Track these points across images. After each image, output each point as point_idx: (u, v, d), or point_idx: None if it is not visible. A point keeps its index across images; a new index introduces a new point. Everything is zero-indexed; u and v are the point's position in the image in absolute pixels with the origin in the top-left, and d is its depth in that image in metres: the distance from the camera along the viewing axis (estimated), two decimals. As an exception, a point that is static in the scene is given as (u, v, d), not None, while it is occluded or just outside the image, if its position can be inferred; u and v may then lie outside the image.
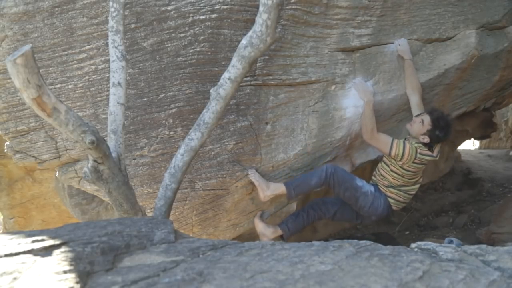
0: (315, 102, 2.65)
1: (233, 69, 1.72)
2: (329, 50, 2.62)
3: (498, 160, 7.29)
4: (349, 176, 2.63)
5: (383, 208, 2.70)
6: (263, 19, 1.63)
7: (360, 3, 2.60)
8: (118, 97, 1.66)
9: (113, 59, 1.69)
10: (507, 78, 3.27)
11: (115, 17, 1.67)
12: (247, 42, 1.69)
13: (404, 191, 2.74)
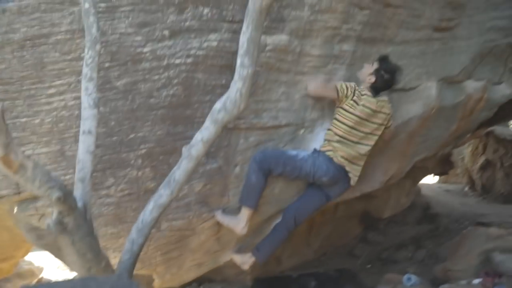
0: (284, 145, 2.72)
1: (206, 131, 1.75)
2: (300, 95, 2.70)
3: (455, 195, 7.64)
4: (279, 151, 2.60)
5: (327, 164, 2.55)
6: (238, 87, 1.68)
7: (331, 52, 2.72)
8: (88, 145, 1.64)
9: (85, 107, 1.68)
10: (463, 128, 3.49)
11: (89, 64, 1.67)
12: (221, 107, 1.74)
13: (348, 145, 2.60)
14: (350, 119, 2.58)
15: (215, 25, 2.33)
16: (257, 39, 1.65)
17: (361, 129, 2.61)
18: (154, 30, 2.25)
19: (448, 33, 3.20)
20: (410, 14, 2.96)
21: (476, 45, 3.27)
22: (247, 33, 1.61)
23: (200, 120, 2.38)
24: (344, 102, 2.58)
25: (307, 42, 2.58)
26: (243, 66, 1.66)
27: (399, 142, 3.13)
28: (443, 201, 7.01)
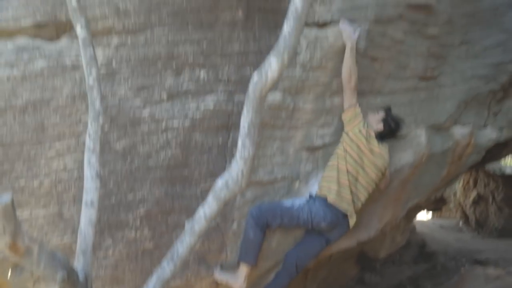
0: (279, 198, 2.75)
1: (208, 208, 1.81)
2: (294, 149, 2.77)
3: (449, 231, 7.66)
4: (275, 204, 2.58)
5: (324, 210, 2.53)
6: (240, 167, 1.75)
7: (323, 106, 2.81)
8: (90, 217, 1.67)
9: (87, 178, 1.72)
10: (454, 172, 3.57)
11: (92, 137, 1.72)
12: (223, 185, 1.80)
13: (346, 185, 2.57)
14: (354, 151, 2.59)
15: (212, 86, 2.42)
16: (257, 122, 1.74)
17: (362, 167, 2.62)
18: (152, 93, 2.34)
19: (433, 81, 3.33)
20: (396, 66, 3.10)
21: (460, 93, 3.41)
22: (248, 117, 1.70)
23: (197, 179, 2.44)
24: (352, 128, 2.62)
25: (300, 98, 2.68)
26: (244, 147, 1.73)
27: (392, 189, 3.19)
28: (438, 238, 7.02)
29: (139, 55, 2.36)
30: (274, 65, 1.63)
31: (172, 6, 2.42)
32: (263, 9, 2.57)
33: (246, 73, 2.51)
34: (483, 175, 7.18)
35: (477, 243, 6.94)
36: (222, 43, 2.46)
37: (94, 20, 2.32)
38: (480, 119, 3.61)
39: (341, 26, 2.64)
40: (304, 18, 1.63)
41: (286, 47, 1.61)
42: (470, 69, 3.41)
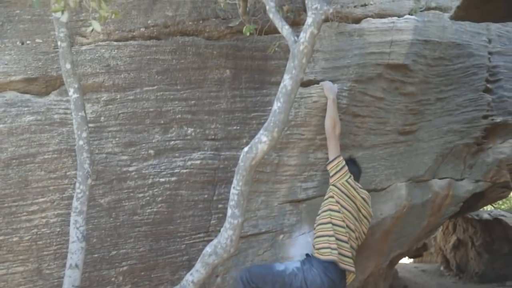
0: (263, 251, 2.76)
1: (197, 274, 1.82)
2: (278, 202, 2.81)
3: (431, 275, 7.66)
4: (266, 268, 2.42)
5: (321, 277, 2.34)
6: (229, 234, 1.79)
7: (307, 160, 2.89)
8: (73, 280, 1.65)
9: (73, 240, 1.71)
10: (433, 223, 3.65)
11: (80, 198, 1.73)
12: (211, 251, 1.82)
13: (346, 237, 2.45)
14: (347, 202, 2.53)
15: (198, 143, 2.48)
16: (246, 192, 1.80)
17: (357, 219, 2.56)
18: (140, 149, 2.37)
19: (412, 136, 3.48)
20: (376, 122, 3.23)
21: (437, 146, 3.56)
22: (238, 188, 1.75)
23: (182, 235, 2.44)
24: (339, 179, 2.57)
25: (285, 153, 2.76)
26: (233, 216, 1.78)
27: (374, 241, 3.23)
28: (420, 283, 7.01)
29: (127, 111, 2.41)
30: (264, 139, 1.71)
31: (161, 65, 2.51)
32: (250, 68, 2.69)
33: (232, 130, 2.59)
34: (461, 221, 7.31)
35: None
36: (210, 101, 2.55)
37: (85, 77, 2.38)
38: (457, 172, 3.75)
39: (321, 83, 2.79)
40: (294, 96, 1.73)
41: (276, 124, 1.69)
42: (445, 124, 3.58)
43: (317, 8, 1.72)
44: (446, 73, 3.47)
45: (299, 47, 1.75)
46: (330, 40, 2.90)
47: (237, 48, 2.66)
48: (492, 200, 5.13)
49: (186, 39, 2.60)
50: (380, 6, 3.19)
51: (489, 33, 3.78)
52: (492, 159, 3.87)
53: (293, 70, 1.74)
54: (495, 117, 3.76)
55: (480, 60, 3.63)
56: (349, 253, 2.46)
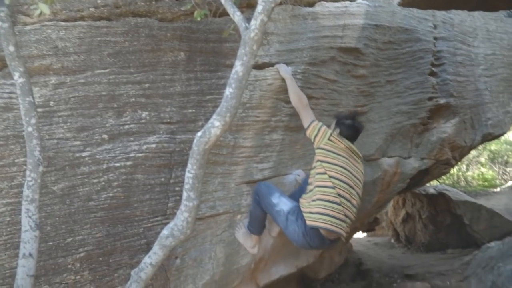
0: (222, 232, 2.83)
1: (155, 256, 1.84)
2: (235, 184, 2.87)
3: (383, 248, 8.13)
4: (267, 191, 2.56)
5: (299, 235, 2.38)
6: (185, 216, 1.82)
7: (262, 142, 2.96)
8: (28, 269, 1.62)
9: (25, 229, 1.67)
10: (383, 199, 3.88)
11: (31, 186, 1.69)
12: (168, 233, 1.85)
13: (340, 199, 2.39)
14: (336, 159, 2.47)
15: (153, 127, 2.46)
16: (201, 175, 1.83)
17: (350, 168, 2.50)
18: (93, 134, 2.33)
19: (363, 117, 3.63)
20: (330, 103, 3.35)
21: (387, 127, 3.74)
22: (192, 171, 1.78)
23: (140, 219, 2.45)
24: (321, 140, 2.54)
25: (240, 135, 2.80)
26: (189, 199, 1.81)
27: (328, 218, 3.39)
28: (373, 256, 7.42)
29: (78, 95, 2.34)
30: (217, 124, 1.74)
31: (113, 47, 2.44)
32: (205, 51, 2.68)
33: (188, 113, 2.59)
34: (410, 196, 7.76)
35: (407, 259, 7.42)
36: (164, 84, 2.52)
37: (30, 59, 2.27)
38: (404, 151, 3.97)
39: (276, 65, 2.84)
40: (245, 82, 1.77)
41: (228, 109, 1.73)
42: (395, 106, 3.77)
43: (267, -4, 1.75)
44: (395, 57, 3.62)
45: (250, 34, 1.78)
46: (284, 23, 2.93)
47: (191, 30, 2.63)
48: (435, 176, 5.48)
49: (138, 20, 2.54)
50: (333, -10, 3.26)
51: (434, 19, 3.97)
52: (436, 138, 4.13)
53: (244, 57, 1.78)
54: (439, 99, 4.00)
55: (426, 45, 3.82)
56: (338, 214, 2.39)
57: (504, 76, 5.01)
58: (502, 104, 5.03)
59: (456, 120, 4.28)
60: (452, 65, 4.12)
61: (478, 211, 6.85)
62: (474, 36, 4.59)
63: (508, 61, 5.07)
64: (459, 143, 4.47)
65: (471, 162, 10.58)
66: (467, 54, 4.44)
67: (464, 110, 4.41)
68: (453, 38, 4.18)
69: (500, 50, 4.95)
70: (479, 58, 4.62)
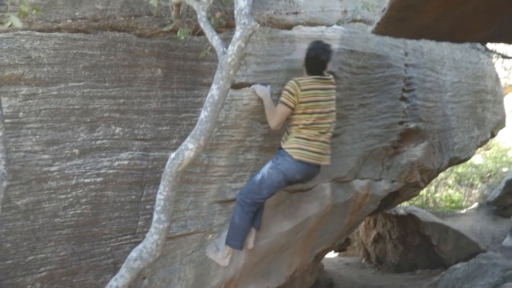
0: (192, 251, 2.78)
1: (121, 279, 1.79)
2: (208, 203, 2.84)
3: (354, 268, 8.19)
4: (251, 183, 2.75)
5: (296, 163, 2.68)
6: (154, 239, 1.79)
7: (237, 161, 2.96)
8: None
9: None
10: (355, 220, 3.92)
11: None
12: (137, 256, 1.81)
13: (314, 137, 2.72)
14: (313, 106, 2.70)
15: (127, 143, 2.43)
16: (172, 197, 1.81)
17: (322, 111, 2.74)
18: (63, 148, 2.27)
19: (336, 138, 3.69)
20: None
21: (359, 149, 3.82)
22: (164, 193, 1.76)
23: (108, 237, 2.38)
24: (300, 97, 2.67)
25: (214, 154, 2.80)
26: (159, 221, 1.78)
27: (300, 238, 3.40)
28: (344, 276, 7.46)
29: (50, 107, 2.29)
30: (191, 147, 1.73)
31: (89, 60, 2.41)
32: (182, 69, 2.68)
33: (162, 131, 2.57)
34: (381, 216, 7.90)
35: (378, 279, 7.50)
36: (140, 100, 2.50)
37: (1, 68, 2.21)
38: (376, 173, 4.06)
39: (253, 86, 2.87)
40: (221, 106, 1.78)
41: (203, 132, 1.73)
42: (367, 128, 3.85)
43: (245, 23, 1.78)
44: (369, 81, 3.73)
45: (227, 59, 1.80)
46: (262, 44, 2.98)
47: (169, 47, 2.64)
48: (405, 198, 5.61)
49: (116, 34, 2.53)
50: (311, 15, 3.35)
51: (405, 46, 4.13)
52: (406, 161, 4.25)
53: (220, 81, 1.80)
54: (409, 123, 4.12)
55: (397, 71, 3.95)
56: (316, 149, 2.74)
57: (469, 103, 5.24)
58: (468, 129, 5.24)
59: (425, 144, 4.42)
60: (421, 91, 4.27)
61: (446, 232, 7.03)
62: (442, 64, 4.80)
63: (472, 89, 5.31)
64: (428, 166, 4.61)
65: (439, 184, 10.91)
66: (436, 81, 4.62)
67: (433, 135, 4.56)
68: (422, 65, 4.35)
69: (465, 78, 5.19)
70: (447, 85, 4.82)
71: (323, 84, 2.80)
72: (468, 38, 3.26)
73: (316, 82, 2.77)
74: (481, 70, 5.59)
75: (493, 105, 5.86)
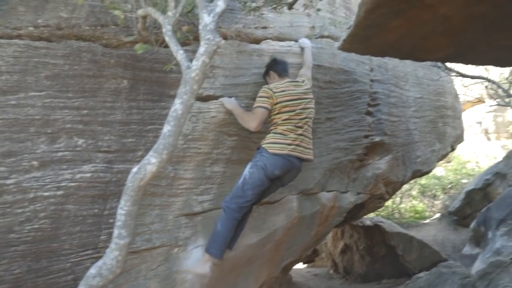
0: (157, 265, 2.72)
1: None
2: (173, 216, 2.80)
3: (322, 279, 8.25)
4: (235, 189, 2.79)
5: (274, 158, 2.75)
6: (115, 255, 1.74)
7: (203, 174, 2.94)
8: None
9: None
10: (321, 232, 3.97)
11: None
12: (96, 272, 1.75)
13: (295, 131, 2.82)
14: (287, 105, 2.82)
15: (90, 155, 2.37)
16: (134, 212, 1.77)
17: (297, 109, 2.85)
18: (21, 160, 2.18)
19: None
20: (272, 137, 3.42)
21: (326, 162, 3.89)
22: (125, 208, 1.72)
23: (67, 252, 2.30)
24: (276, 98, 2.80)
25: (181, 167, 2.77)
26: (120, 237, 1.74)
27: (267, 251, 3.40)
28: (312, 287, 7.50)
29: (8, 117, 2.21)
30: (153, 161, 1.71)
31: (52, 69, 2.35)
32: (149, 80, 2.66)
33: (127, 143, 2.52)
34: (348, 227, 8.02)
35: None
36: (104, 111, 2.45)
37: (-44, 75, 2.12)
38: (342, 185, 4.14)
39: (220, 99, 2.88)
40: (184, 120, 1.78)
41: (166, 146, 1.71)
42: (333, 142, 3.93)
43: (209, 39, 1.79)
44: (335, 96, 3.82)
45: (191, 74, 1.80)
46: (230, 57, 3.00)
47: (136, 58, 2.61)
48: (371, 210, 5.74)
49: (81, 44, 2.48)
50: (279, 30, 3.41)
51: (371, 62, 4.27)
52: (371, 174, 4.36)
53: (184, 95, 1.79)
54: (374, 137, 4.24)
55: (363, 86, 4.07)
56: (291, 141, 2.81)
57: (431, 118, 5.46)
58: (429, 143, 5.45)
59: (389, 157, 4.55)
60: (386, 105, 4.42)
61: (410, 242, 7.21)
62: (406, 80, 4.99)
63: (434, 104, 5.54)
64: (392, 179, 4.74)
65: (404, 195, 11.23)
66: (400, 96, 4.79)
67: (397, 148, 4.71)
68: (387, 81, 4.50)
69: (427, 94, 5.41)
70: (410, 100, 5.00)
71: (295, 86, 2.94)
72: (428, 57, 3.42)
73: (289, 85, 2.91)
74: (441, 87, 5.85)
75: (453, 120, 6.13)
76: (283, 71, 3.04)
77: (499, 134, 16.00)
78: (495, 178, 7.93)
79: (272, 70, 3.04)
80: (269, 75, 3.07)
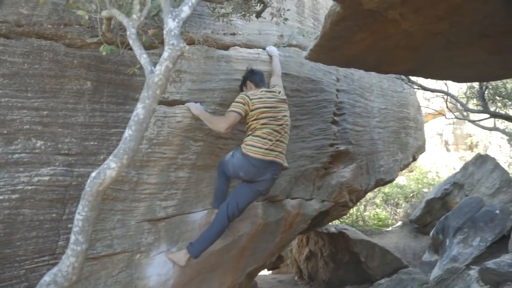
0: (118, 272, 2.66)
1: None
2: (136, 221, 2.75)
3: (287, 285, 8.30)
4: (222, 160, 3.05)
5: (243, 160, 2.87)
6: (71, 261, 1.69)
7: (168, 179, 2.90)
8: None
9: None
10: (286, 239, 4.00)
11: None
12: (50, 280, 1.69)
13: (259, 135, 2.90)
14: (265, 111, 2.91)
15: (49, 158, 2.28)
16: (92, 218, 1.73)
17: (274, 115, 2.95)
18: (-27, 162, 2.08)
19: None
20: (237, 144, 3.42)
21: (291, 169, 3.92)
22: (83, 213, 1.67)
23: (22, 259, 2.20)
24: (251, 105, 2.89)
25: (145, 171, 2.72)
26: (77, 243, 1.68)
27: (231, 257, 3.39)
28: (277, 294, 7.53)
29: (-39, 117, 2.10)
30: (113, 165, 1.68)
31: (9, 68, 2.26)
32: (114, 82, 2.60)
33: (89, 146, 2.45)
34: (313, 234, 8.13)
35: (309, 296, 7.68)
36: (65, 113, 2.38)
37: None
38: (307, 193, 4.20)
39: (187, 104, 2.86)
40: (146, 125, 1.76)
41: (126, 151, 1.69)
42: (299, 150, 3.99)
43: (173, 44, 1.79)
44: (302, 104, 3.89)
45: (154, 78, 1.79)
46: (198, 62, 2.99)
47: (101, 59, 2.55)
48: (335, 217, 5.85)
49: (43, 42, 2.40)
50: (248, 37, 3.44)
51: (337, 73, 4.38)
52: (335, 182, 4.45)
53: (146, 100, 1.78)
54: (339, 146, 4.34)
55: (329, 96, 4.17)
56: (266, 146, 2.91)
57: (394, 128, 5.65)
58: (392, 153, 5.64)
59: (353, 165, 4.67)
60: (351, 115, 4.54)
61: (373, 249, 7.39)
62: (371, 91, 5.15)
63: (397, 115, 5.75)
64: (356, 187, 4.86)
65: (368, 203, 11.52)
66: (364, 106, 4.94)
67: (361, 157, 4.84)
68: (353, 91, 4.63)
69: (391, 105, 5.60)
70: (374, 111, 5.16)
71: (272, 94, 3.05)
72: (391, 70, 3.56)
73: (266, 93, 3.02)
74: (404, 99, 6.07)
75: (415, 132, 6.37)
76: (260, 81, 3.13)
77: (457, 145, 16.78)
78: (453, 188, 8.29)
79: (249, 80, 3.12)
80: (246, 85, 3.14)
